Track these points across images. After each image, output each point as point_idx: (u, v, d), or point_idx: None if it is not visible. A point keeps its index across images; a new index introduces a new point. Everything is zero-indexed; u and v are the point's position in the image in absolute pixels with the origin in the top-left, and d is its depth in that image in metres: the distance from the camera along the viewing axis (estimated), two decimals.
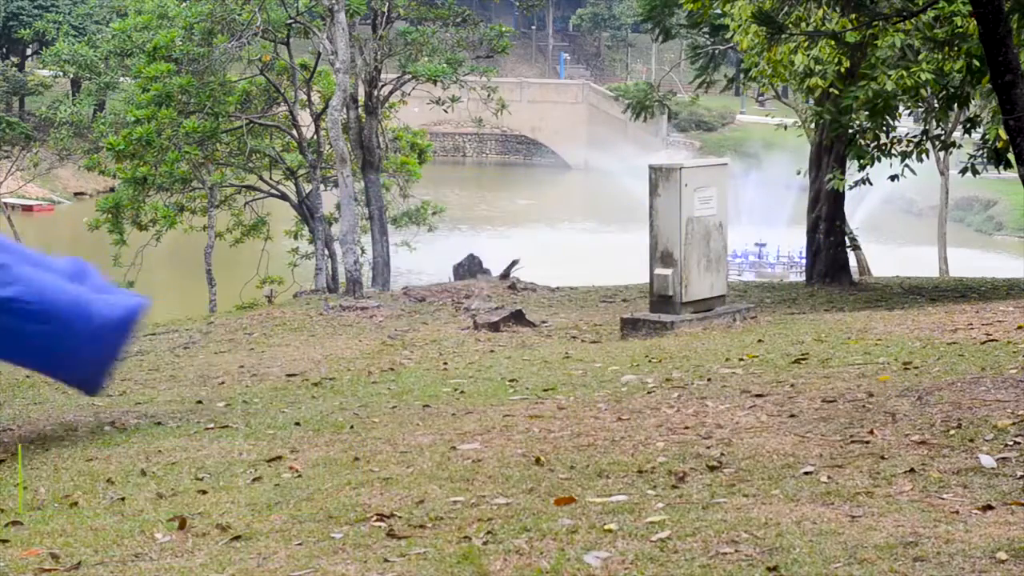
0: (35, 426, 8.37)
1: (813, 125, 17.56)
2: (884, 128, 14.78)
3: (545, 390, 8.44)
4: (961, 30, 12.59)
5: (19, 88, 48.08)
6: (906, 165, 15.25)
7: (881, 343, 9.28)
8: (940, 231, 27.51)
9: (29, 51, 54.34)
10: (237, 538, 5.17)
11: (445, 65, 21.20)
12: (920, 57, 13.55)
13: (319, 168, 21.84)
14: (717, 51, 20.25)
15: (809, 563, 4.43)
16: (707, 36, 20.09)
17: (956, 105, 14.47)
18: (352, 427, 7.59)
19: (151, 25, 22.78)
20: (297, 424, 7.82)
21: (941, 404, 6.64)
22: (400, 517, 5.28)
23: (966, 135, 16.78)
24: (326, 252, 22.28)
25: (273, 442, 7.28)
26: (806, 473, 5.65)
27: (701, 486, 5.57)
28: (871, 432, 6.25)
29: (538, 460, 6.17)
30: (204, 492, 6.12)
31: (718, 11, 15.95)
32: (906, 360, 8.30)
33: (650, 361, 9.29)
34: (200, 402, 9.03)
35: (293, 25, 20.99)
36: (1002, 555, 4.40)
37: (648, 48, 70.07)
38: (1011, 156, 8.25)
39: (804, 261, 18.91)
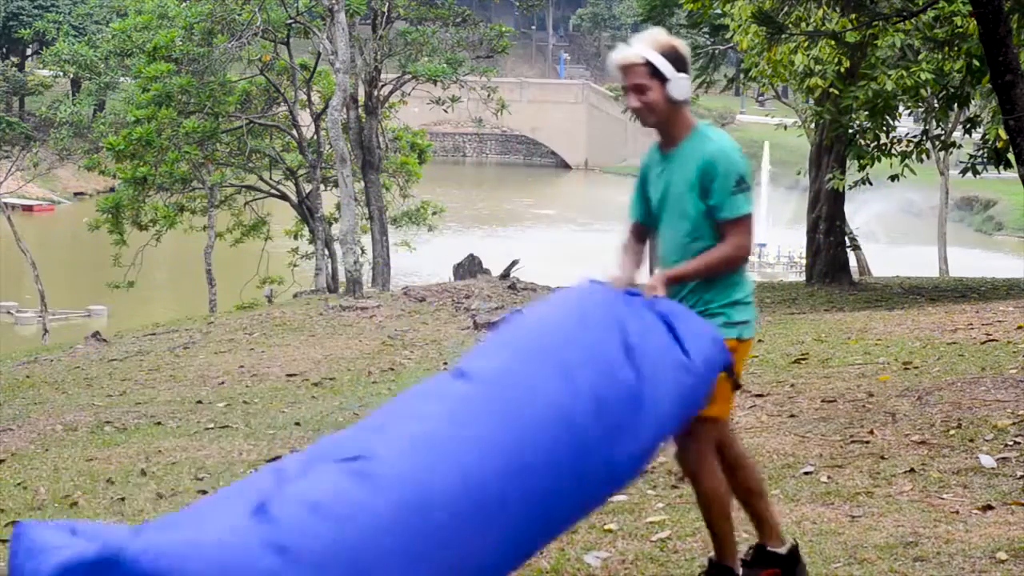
0: (35, 426, 8.36)
1: (813, 125, 17.56)
2: (884, 128, 14.78)
3: None
4: (961, 30, 12.59)
5: (19, 88, 48.06)
6: (906, 165, 15.25)
7: (881, 343, 9.28)
8: (940, 231, 27.50)
9: (29, 51, 54.34)
10: None
11: (445, 65, 21.20)
12: (920, 57, 13.55)
13: (319, 168, 21.84)
14: (717, 51, 20.26)
15: (809, 563, 4.43)
16: (707, 36, 20.11)
17: (956, 105, 14.47)
18: None
19: (151, 25, 22.77)
20: (297, 424, 7.82)
21: (941, 404, 6.64)
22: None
23: (966, 135, 16.78)
24: (326, 252, 22.28)
25: (273, 442, 7.28)
26: (806, 473, 5.65)
27: None
28: (871, 432, 6.25)
29: None
30: (204, 492, 6.11)
31: (718, 11, 15.95)
32: (906, 360, 8.30)
33: None
34: (200, 402, 9.02)
35: (293, 25, 20.99)
36: (1002, 555, 4.40)
37: None
38: (1011, 156, 8.25)
39: (803, 261, 18.93)
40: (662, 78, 3.97)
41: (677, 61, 3.99)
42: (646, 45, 3.98)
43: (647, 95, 3.98)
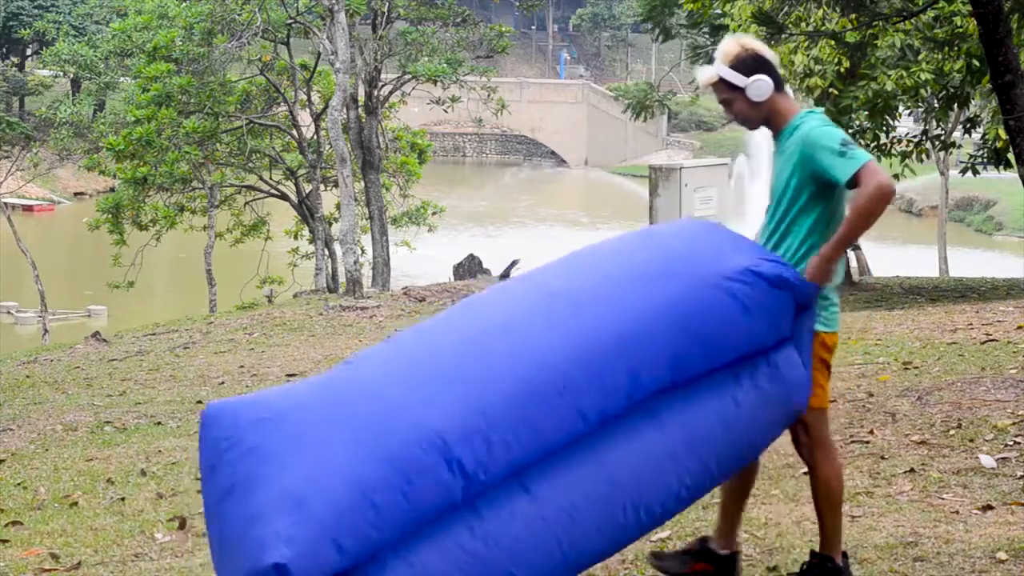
0: (35, 426, 8.36)
1: None
2: (884, 128, 14.77)
3: None
4: (961, 30, 12.58)
5: (19, 88, 48.05)
6: (906, 165, 15.24)
7: (881, 343, 9.28)
8: (940, 231, 27.48)
9: (29, 51, 54.33)
10: None
11: (445, 65, 21.18)
12: (920, 57, 13.54)
13: (319, 168, 21.83)
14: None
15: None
16: (707, 36, 20.08)
17: (956, 105, 14.46)
18: None
19: (151, 25, 22.77)
20: None
21: (941, 404, 6.63)
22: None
23: (966, 135, 16.76)
24: (326, 252, 22.28)
25: None
26: (806, 473, 5.63)
27: None
28: (871, 432, 6.24)
29: None
30: None
31: (718, 11, 15.93)
32: (906, 360, 8.29)
33: None
34: (200, 402, 9.02)
35: (293, 25, 20.98)
36: (1002, 555, 4.40)
37: (648, 48, 70.06)
38: (1011, 156, 8.25)
39: None
40: (739, 88, 4.10)
41: (748, 63, 4.10)
42: (718, 60, 4.14)
43: (733, 107, 4.16)
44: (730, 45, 4.14)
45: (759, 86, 4.07)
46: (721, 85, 4.12)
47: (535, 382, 3.41)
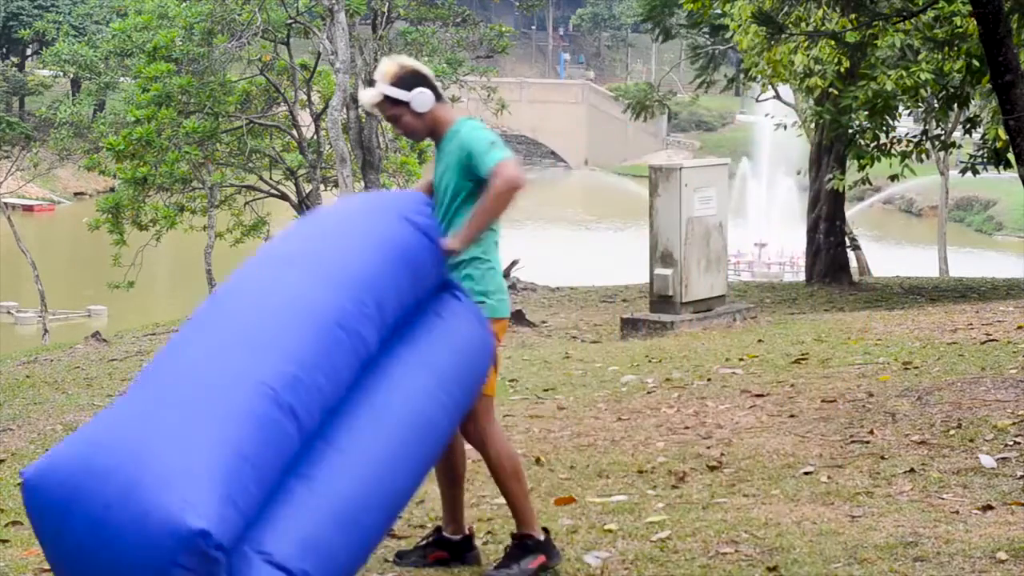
0: (35, 426, 8.36)
1: (813, 125, 17.56)
2: (884, 128, 14.77)
3: (545, 390, 8.44)
4: (961, 30, 12.58)
5: (19, 88, 48.04)
6: (906, 165, 15.24)
7: (881, 343, 9.28)
8: (940, 231, 27.48)
9: (29, 51, 54.32)
10: None
11: (445, 65, 21.19)
12: (920, 57, 13.54)
13: (319, 168, 21.83)
14: (717, 51, 20.25)
15: (809, 563, 4.44)
16: (707, 36, 20.10)
17: (956, 105, 14.46)
18: None
19: (151, 25, 22.75)
20: None
21: (941, 404, 6.63)
22: (400, 516, 5.28)
23: (966, 135, 16.76)
24: None
25: None
26: (806, 473, 5.65)
27: (701, 486, 5.58)
28: (871, 432, 6.25)
29: (538, 460, 6.17)
30: None
31: (718, 11, 15.94)
32: (906, 360, 8.29)
33: (650, 361, 9.29)
34: None
35: (293, 25, 20.99)
36: (1002, 555, 4.40)
37: (648, 48, 70.04)
38: (1011, 156, 8.25)
39: (801, 262, 18.91)
40: (404, 103, 4.36)
41: (409, 79, 4.38)
42: (380, 81, 4.40)
43: (400, 122, 4.42)
44: (388, 65, 4.41)
45: (422, 99, 4.36)
46: (386, 103, 4.38)
47: (320, 326, 3.71)
